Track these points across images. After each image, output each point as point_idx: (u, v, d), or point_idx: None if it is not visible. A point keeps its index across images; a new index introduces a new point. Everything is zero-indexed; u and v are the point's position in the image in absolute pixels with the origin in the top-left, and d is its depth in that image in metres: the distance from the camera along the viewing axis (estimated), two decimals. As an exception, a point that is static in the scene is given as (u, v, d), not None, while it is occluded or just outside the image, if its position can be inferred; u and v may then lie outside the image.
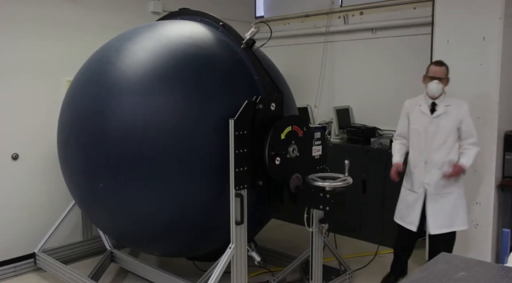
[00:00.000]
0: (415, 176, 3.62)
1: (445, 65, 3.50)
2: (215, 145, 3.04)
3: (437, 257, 1.84)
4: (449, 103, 3.49)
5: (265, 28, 3.81)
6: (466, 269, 1.70)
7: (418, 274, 1.69)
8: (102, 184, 3.09)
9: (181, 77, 3.09)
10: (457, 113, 3.46)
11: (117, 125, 3.02)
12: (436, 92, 3.46)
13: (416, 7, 4.89)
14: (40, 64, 4.23)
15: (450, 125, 3.46)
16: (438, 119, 3.49)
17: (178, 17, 3.83)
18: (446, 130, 3.47)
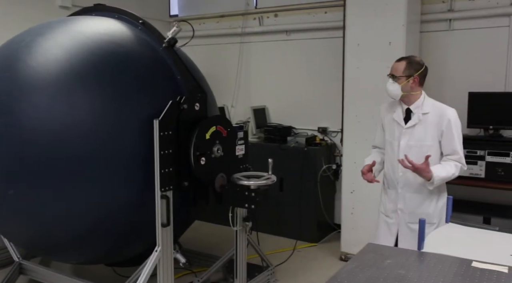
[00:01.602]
0: (388, 199, 3.10)
1: (405, 60, 2.93)
2: (136, 146, 2.95)
3: (364, 247, 1.97)
4: (427, 111, 2.89)
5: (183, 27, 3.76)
6: (391, 257, 1.84)
7: (350, 264, 1.80)
8: (12, 190, 2.86)
9: (99, 76, 2.96)
10: (438, 123, 2.85)
11: (30, 127, 2.82)
12: (392, 94, 2.93)
13: (327, 11, 5.14)
14: None
15: (428, 138, 2.87)
16: (412, 130, 2.91)
17: (93, 13, 3.65)
18: (423, 145, 2.87)
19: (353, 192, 4.30)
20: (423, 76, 2.94)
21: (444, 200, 2.98)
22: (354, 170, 4.24)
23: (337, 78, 4.96)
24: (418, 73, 2.89)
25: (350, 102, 4.26)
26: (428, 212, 2.94)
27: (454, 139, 2.83)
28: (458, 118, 2.88)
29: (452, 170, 2.82)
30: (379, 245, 2.01)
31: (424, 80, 2.96)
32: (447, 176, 2.82)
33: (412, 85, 2.89)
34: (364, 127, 4.16)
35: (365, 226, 4.23)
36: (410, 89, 2.90)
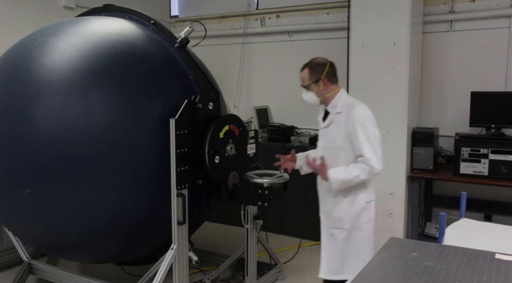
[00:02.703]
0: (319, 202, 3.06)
1: (307, 67, 2.91)
2: (149, 146, 2.98)
3: (388, 241, 2.03)
4: (340, 110, 2.83)
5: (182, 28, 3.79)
6: (416, 250, 1.90)
7: (377, 257, 1.85)
8: (29, 189, 2.87)
9: (113, 76, 2.98)
10: (346, 122, 2.77)
11: (46, 127, 2.83)
12: (310, 102, 2.93)
13: (329, 12, 5.20)
14: None
15: (339, 139, 2.81)
16: (328, 130, 2.90)
17: (102, 14, 3.67)
18: (335, 146, 2.83)
19: (358, 190, 4.36)
20: (332, 74, 2.88)
21: (360, 205, 2.85)
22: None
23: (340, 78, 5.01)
24: (324, 74, 2.84)
25: (355, 102, 4.32)
26: (340, 216, 2.87)
27: (359, 140, 2.70)
28: (366, 117, 2.75)
29: (354, 172, 2.70)
30: (401, 239, 2.07)
31: (336, 77, 2.92)
32: (347, 178, 2.71)
33: (324, 87, 2.85)
34: (368, 127, 4.23)
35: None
36: (324, 91, 2.85)
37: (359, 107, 2.78)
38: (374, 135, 2.74)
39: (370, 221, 2.90)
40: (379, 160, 2.71)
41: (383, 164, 2.76)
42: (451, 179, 4.09)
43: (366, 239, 2.89)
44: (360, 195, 2.85)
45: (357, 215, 2.85)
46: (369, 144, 2.70)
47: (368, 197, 2.90)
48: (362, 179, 2.71)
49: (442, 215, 2.07)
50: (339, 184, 2.75)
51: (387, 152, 4.11)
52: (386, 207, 4.22)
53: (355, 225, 2.84)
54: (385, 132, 4.16)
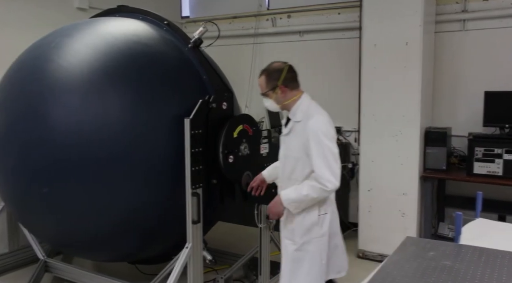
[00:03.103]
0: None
1: (264, 74, 2.72)
2: (165, 145, 3.02)
3: (404, 241, 2.03)
4: (299, 118, 2.63)
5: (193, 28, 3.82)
6: (433, 249, 1.90)
7: (394, 256, 1.85)
8: (46, 188, 2.91)
9: (128, 76, 3.02)
10: (303, 133, 2.57)
11: (62, 128, 2.88)
12: (271, 109, 2.79)
13: (341, 12, 5.20)
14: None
15: (296, 150, 2.62)
16: (288, 139, 2.70)
17: (116, 15, 3.71)
18: (293, 156, 2.64)
19: (370, 190, 4.36)
20: (290, 79, 2.67)
21: (313, 218, 2.64)
22: (371, 169, 4.33)
23: (351, 78, 5.03)
24: (281, 80, 2.64)
25: (367, 102, 4.32)
26: (292, 228, 2.69)
27: (311, 155, 2.50)
28: (320, 129, 2.52)
29: (303, 191, 2.52)
30: (417, 238, 2.07)
31: (296, 82, 2.71)
32: (298, 198, 2.55)
33: (282, 95, 2.64)
34: (381, 126, 4.23)
35: (382, 223, 4.30)
36: (283, 99, 2.65)
37: (314, 118, 2.56)
38: (329, 149, 2.51)
39: (323, 236, 2.67)
40: (334, 176, 2.49)
41: (339, 181, 2.54)
42: (464, 179, 4.07)
43: (317, 254, 2.66)
44: (314, 207, 2.64)
45: (309, 228, 2.65)
46: (321, 159, 2.48)
47: (324, 209, 2.67)
48: (313, 197, 2.52)
49: (458, 214, 2.07)
50: (293, 205, 2.60)
51: (399, 151, 4.15)
52: (399, 207, 4.21)
53: (306, 239, 2.66)
54: (398, 132, 4.16)
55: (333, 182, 2.49)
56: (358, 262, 4.36)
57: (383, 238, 4.29)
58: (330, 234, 2.73)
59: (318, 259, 2.68)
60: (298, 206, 2.60)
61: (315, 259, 2.68)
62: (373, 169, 4.32)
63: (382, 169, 4.26)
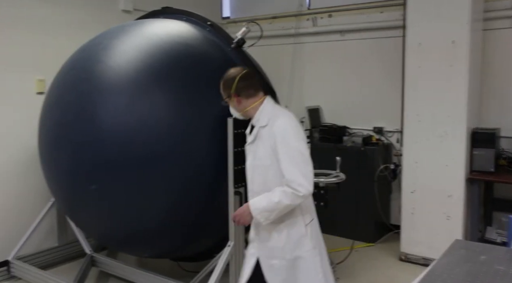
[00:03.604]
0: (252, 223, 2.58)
1: (221, 82, 2.61)
2: (208, 144, 3.05)
3: (453, 244, 1.98)
4: (264, 123, 2.47)
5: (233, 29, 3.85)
6: (484, 253, 1.85)
7: (443, 259, 1.81)
8: (94, 185, 3.00)
9: (174, 77, 3.07)
10: (269, 137, 2.41)
11: (110, 127, 2.95)
12: (234, 115, 2.66)
13: (383, 11, 5.12)
14: (7, 63, 4.02)
15: (265, 157, 2.43)
16: (253, 147, 2.52)
17: (161, 16, 3.79)
18: (262, 164, 2.45)
19: (413, 192, 4.27)
20: (243, 88, 2.51)
21: (301, 230, 2.46)
22: (415, 170, 4.23)
23: (393, 78, 4.95)
24: (233, 89, 2.51)
25: (410, 102, 4.23)
26: (279, 246, 2.45)
27: (279, 158, 2.34)
28: (287, 130, 2.38)
29: (275, 198, 2.32)
30: (467, 242, 2.01)
31: (252, 89, 2.53)
32: (269, 206, 2.34)
33: (237, 103, 2.55)
34: (425, 127, 4.13)
35: (426, 226, 4.20)
36: (240, 106, 2.55)
37: (280, 119, 2.42)
38: (298, 151, 2.35)
39: (315, 248, 2.49)
40: (306, 180, 2.31)
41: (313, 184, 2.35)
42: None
43: (312, 270, 2.47)
44: (298, 217, 2.46)
45: (298, 242, 2.45)
46: (290, 162, 2.32)
47: (308, 217, 2.51)
48: (286, 204, 2.32)
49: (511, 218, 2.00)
50: (264, 215, 2.37)
51: (444, 152, 4.05)
52: (444, 210, 4.10)
53: (298, 255, 2.45)
54: (443, 133, 4.05)
55: (305, 186, 2.30)
56: (401, 265, 4.28)
57: (426, 241, 4.19)
58: (318, 243, 2.56)
59: (314, 274, 2.49)
60: (269, 216, 2.37)
61: (311, 276, 2.48)
62: (416, 170, 4.23)
63: (426, 170, 4.17)
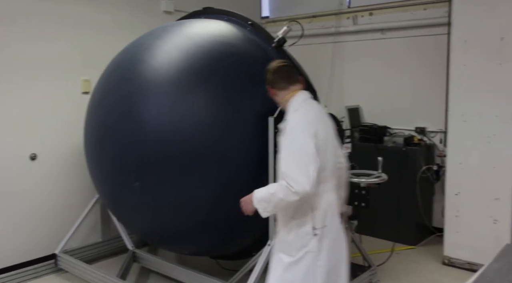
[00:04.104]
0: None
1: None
2: (249, 144, 3.06)
3: (504, 248, 1.90)
4: (286, 118, 2.52)
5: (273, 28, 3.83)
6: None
7: (495, 264, 1.74)
8: (138, 182, 3.07)
9: (215, 76, 3.09)
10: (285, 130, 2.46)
11: (155, 125, 2.99)
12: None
13: (427, 8, 4.99)
14: (54, 64, 4.17)
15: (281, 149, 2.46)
16: (280, 139, 2.53)
17: (202, 16, 3.83)
18: (279, 157, 2.43)
19: (458, 194, 4.14)
20: (276, 80, 2.61)
21: (307, 232, 2.42)
22: (459, 171, 4.11)
23: (436, 77, 4.83)
24: (267, 81, 2.66)
25: (455, 101, 4.10)
26: (287, 242, 2.47)
27: (282, 151, 2.36)
28: (296, 124, 2.38)
29: (271, 189, 2.32)
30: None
31: (285, 82, 2.61)
32: (265, 196, 2.34)
33: (272, 94, 2.68)
34: (471, 127, 4.01)
35: (471, 230, 4.07)
36: (278, 98, 2.65)
37: (295, 113, 2.45)
38: (304, 148, 2.29)
39: (319, 253, 2.44)
40: (304, 177, 2.22)
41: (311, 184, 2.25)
42: None
43: (310, 272, 2.43)
44: (308, 218, 2.43)
45: (305, 242, 2.43)
46: (292, 158, 2.28)
47: (320, 223, 2.44)
48: (279, 198, 2.27)
49: None
50: (262, 205, 2.37)
51: (491, 154, 3.91)
52: (490, 213, 3.96)
53: (302, 255, 2.44)
54: (490, 134, 3.92)
55: (300, 183, 2.22)
56: (444, 269, 4.17)
57: (472, 245, 4.06)
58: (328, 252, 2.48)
59: (311, 279, 2.43)
60: (267, 207, 2.36)
61: (306, 279, 2.43)
62: (461, 172, 4.10)
63: (472, 172, 4.04)
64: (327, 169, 2.41)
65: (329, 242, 2.48)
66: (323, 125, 2.50)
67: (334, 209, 2.52)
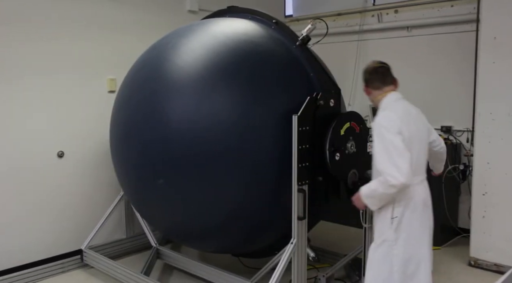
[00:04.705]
0: None
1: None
2: (272, 142, 3.05)
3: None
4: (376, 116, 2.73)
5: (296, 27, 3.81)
6: None
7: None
8: (162, 179, 3.10)
9: (240, 75, 3.10)
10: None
11: (179, 123, 3.01)
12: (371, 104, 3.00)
13: (454, 4, 4.90)
14: (81, 64, 4.24)
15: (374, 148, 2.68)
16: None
17: (227, 15, 3.85)
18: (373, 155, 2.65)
19: (485, 194, 4.05)
20: (370, 80, 2.80)
21: (385, 221, 2.63)
22: (487, 171, 4.03)
23: (463, 75, 4.74)
24: (364, 80, 2.85)
25: (484, 100, 4.01)
26: (375, 229, 2.73)
27: (374, 151, 2.55)
28: (383, 124, 2.55)
29: (372, 186, 2.55)
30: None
31: (380, 82, 2.77)
32: (368, 192, 2.59)
33: (368, 93, 2.86)
34: (499, 126, 3.92)
35: (498, 231, 3.98)
36: (372, 96, 2.85)
37: (380, 114, 2.64)
38: (392, 144, 2.48)
39: (395, 242, 2.61)
40: (398, 171, 2.42)
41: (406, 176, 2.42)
42: None
43: (386, 261, 2.63)
44: (388, 209, 2.63)
45: (383, 230, 2.66)
46: (384, 154, 2.49)
47: (398, 212, 2.61)
48: (381, 192, 2.51)
49: None
50: (368, 200, 2.62)
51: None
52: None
53: (380, 241, 2.67)
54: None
55: (395, 177, 2.41)
56: (470, 271, 4.09)
57: (499, 246, 3.97)
58: (407, 240, 2.62)
59: (388, 266, 2.62)
60: (372, 202, 2.61)
61: (384, 265, 2.63)
62: (488, 171, 4.01)
63: (500, 172, 3.94)
64: (411, 164, 2.52)
65: (407, 232, 2.62)
66: (410, 125, 2.62)
67: (418, 201, 2.64)
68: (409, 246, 2.62)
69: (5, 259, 3.82)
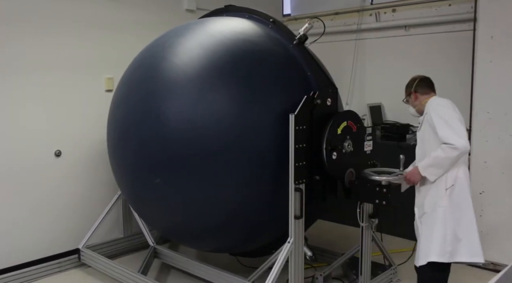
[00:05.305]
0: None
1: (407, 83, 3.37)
2: (269, 141, 3.05)
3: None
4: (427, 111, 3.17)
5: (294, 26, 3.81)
6: None
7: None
8: (158, 179, 3.10)
9: (238, 74, 3.09)
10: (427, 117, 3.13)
11: (176, 123, 3.01)
12: (413, 115, 3.37)
13: (451, 4, 4.90)
14: (79, 63, 4.23)
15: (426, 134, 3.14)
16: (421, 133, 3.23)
17: (224, 14, 3.84)
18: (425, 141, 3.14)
19: (482, 193, 4.06)
20: (420, 87, 3.23)
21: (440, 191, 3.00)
22: (484, 170, 4.04)
23: (460, 74, 4.75)
24: (413, 88, 3.26)
25: (480, 98, 4.02)
26: (423, 203, 3.11)
27: (435, 125, 2.93)
28: (438, 103, 3.04)
29: (434, 153, 2.92)
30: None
31: (427, 88, 3.25)
32: (429, 161, 2.94)
33: (415, 98, 3.26)
34: (496, 125, 3.93)
35: (495, 230, 3.99)
36: (418, 101, 3.24)
37: (431, 99, 3.11)
38: (449, 115, 2.92)
39: (449, 207, 2.98)
40: (459, 136, 2.83)
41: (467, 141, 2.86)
42: None
43: (437, 222, 2.99)
44: (442, 181, 2.99)
45: (435, 202, 3.01)
46: (443, 124, 2.89)
47: (451, 183, 2.98)
48: (443, 157, 2.86)
49: None
50: (429, 170, 2.97)
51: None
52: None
53: (432, 208, 3.02)
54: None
55: (458, 140, 2.82)
56: (467, 269, 4.09)
57: (496, 245, 3.98)
58: (457, 206, 3.00)
59: (441, 227, 2.98)
60: (434, 171, 2.96)
61: (438, 228, 2.99)
62: (486, 171, 4.02)
63: (497, 171, 3.95)
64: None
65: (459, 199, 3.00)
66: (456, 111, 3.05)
67: (465, 172, 3.07)
68: (460, 210, 2.99)
69: (2, 258, 3.81)
